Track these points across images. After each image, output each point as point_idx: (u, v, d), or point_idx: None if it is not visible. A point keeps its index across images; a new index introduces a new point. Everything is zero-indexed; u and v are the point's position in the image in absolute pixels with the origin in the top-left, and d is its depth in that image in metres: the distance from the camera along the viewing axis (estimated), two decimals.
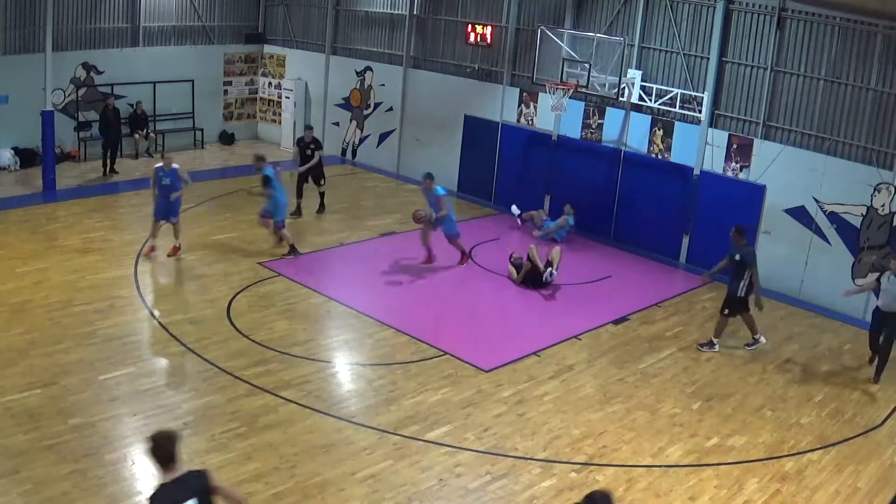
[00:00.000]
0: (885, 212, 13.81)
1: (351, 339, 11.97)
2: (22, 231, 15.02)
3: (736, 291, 12.11)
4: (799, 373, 11.96)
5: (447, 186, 20.23)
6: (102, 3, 20.76)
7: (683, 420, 10.26)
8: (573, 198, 17.86)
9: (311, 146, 17.28)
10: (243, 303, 12.68)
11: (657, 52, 16.54)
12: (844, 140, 14.31)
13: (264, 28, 24.42)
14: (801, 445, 9.88)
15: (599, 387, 10.98)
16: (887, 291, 11.50)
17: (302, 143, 17.49)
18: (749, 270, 11.98)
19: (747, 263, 11.98)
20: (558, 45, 16.54)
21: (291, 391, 10.12)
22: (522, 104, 18.77)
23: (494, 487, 8.54)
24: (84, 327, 11.28)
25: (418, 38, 20.94)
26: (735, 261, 12.10)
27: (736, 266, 12.13)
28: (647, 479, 8.93)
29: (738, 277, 12.06)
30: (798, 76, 14.75)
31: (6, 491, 7.71)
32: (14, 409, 9.13)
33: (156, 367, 10.48)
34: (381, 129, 22.03)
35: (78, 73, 20.41)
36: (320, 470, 8.56)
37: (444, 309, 13.51)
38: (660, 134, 16.57)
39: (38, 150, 18.96)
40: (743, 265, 12.01)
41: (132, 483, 8.07)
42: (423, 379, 10.77)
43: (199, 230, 15.90)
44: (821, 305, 14.50)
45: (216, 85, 23.64)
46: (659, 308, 13.99)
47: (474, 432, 9.56)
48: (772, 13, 14.83)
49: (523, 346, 12.01)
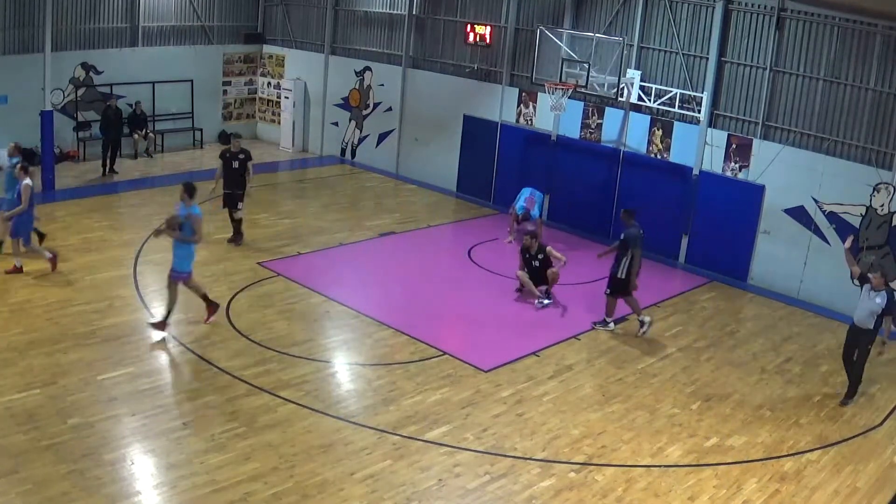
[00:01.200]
0: (885, 212, 13.81)
1: (350, 339, 11.96)
2: None
3: (616, 272, 12.44)
4: (798, 373, 11.96)
5: (447, 186, 20.36)
6: (102, 3, 20.74)
7: (682, 420, 10.26)
8: (573, 198, 17.90)
9: (238, 157, 14.92)
10: (242, 303, 12.68)
11: (656, 52, 16.55)
12: (843, 140, 14.32)
13: (263, 28, 24.42)
14: (801, 445, 9.88)
15: (598, 387, 10.98)
16: (863, 306, 10.80)
17: (227, 155, 15.00)
18: (631, 251, 12.23)
19: (629, 244, 12.24)
20: (557, 45, 16.55)
21: (290, 391, 10.11)
22: (521, 104, 18.77)
23: (493, 487, 8.54)
24: (83, 327, 11.27)
25: (417, 38, 20.94)
26: (620, 241, 12.48)
27: (620, 246, 12.47)
28: (646, 478, 8.93)
29: (621, 258, 12.39)
30: (797, 76, 14.75)
31: (5, 491, 7.70)
32: (13, 408, 9.12)
33: (155, 367, 10.47)
34: (380, 129, 22.03)
35: (77, 73, 20.40)
36: (319, 470, 8.55)
37: (443, 309, 13.50)
38: (659, 134, 16.58)
39: (37, 149, 18.94)
40: (625, 245, 12.30)
41: (131, 483, 8.06)
42: (423, 379, 10.76)
43: None
44: (820, 305, 14.50)
45: (215, 85, 23.63)
46: (658, 308, 13.98)
47: (473, 432, 9.55)
48: (771, 13, 14.83)
49: (522, 346, 12.02)
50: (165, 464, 8.44)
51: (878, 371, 12.22)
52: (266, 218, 17.06)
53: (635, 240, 12.31)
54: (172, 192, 18.45)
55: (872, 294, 10.73)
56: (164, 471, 8.33)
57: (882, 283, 10.72)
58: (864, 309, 10.77)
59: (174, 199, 17.72)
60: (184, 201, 11.20)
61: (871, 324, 10.76)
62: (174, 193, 18.28)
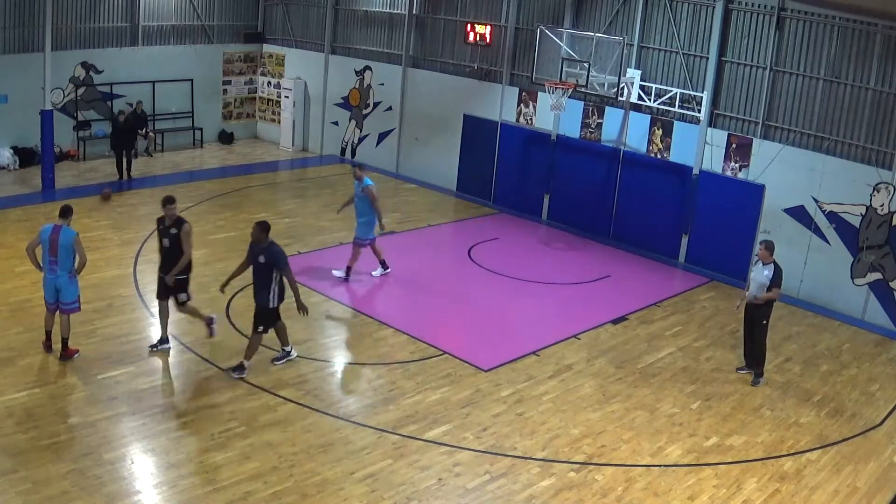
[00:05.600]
0: (884, 211, 13.80)
1: (350, 339, 11.97)
2: (21, 230, 14.99)
3: (267, 302, 10.11)
4: (798, 372, 11.96)
5: (447, 186, 20.36)
6: (102, 3, 20.75)
7: (682, 419, 10.26)
8: (573, 197, 17.90)
9: (170, 232, 10.51)
10: (242, 302, 12.67)
11: (656, 52, 16.54)
12: (843, 140, 14.31)
13: (263, 27, 24.42)
14: (800, 445, 9.88)
15: (598, 386, 10.98)
16: (754, 281, 11.14)
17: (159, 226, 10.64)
18: (279, 273, 10.08)
19: (276, 265, 10.01)
20: (557, 44, 16.54)
21: (290, 390, 10.12)
22: (522, 103, 18.77)
23: (493, 487, 8.54)
24: (83, 326, 11.25)
25: (417, 38, 20.94)
26: (260, 263, 10.07)
27: (262, 270, 10.08)
28: (646, 478, 8.93)
29: (267, 284, 10.06)
30: (797, 76, 14.75)
31: (4, 490, 7.70)
32: (13, 408, 9.13)
33: (154, 367, 10.46)
34: (380, 128, 22.02)
35: (77, 72, 20.41)
36: (319, 469, 8.56)
37: (443, 308, 13.50)
38: (659, 133, 16.57)
39: (37, 149, 18.96)
40: (270, 267, 10.01)
41: (131, 482, 8.06)
42: (422, 378, 10.77)
43: (198, 229, 15.80)
44: (820, 305, 14.51)
45: (215, 84, 23.64)
46: (658, 308, 13.98)
47: (473, 432, 9.55)
48: (771, 13, 14.82)
49: (522, 345, 12.02)
50: (165, 463, 8.44)
51: (878, 370, 12.25)
52: (266, 217, 17.01)
53: (279, 257, 10.09)
54: (173, 192, 18.45)
55: (761, 267, 11.10)
56: (163, 470, 8.33)
57: (768, 255, 11.05)
58: (755, 283, 11.13)
59: None
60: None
61: None
62: (174, 193, 18.35)
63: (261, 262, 10.09)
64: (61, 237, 10.00)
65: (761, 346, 11.39)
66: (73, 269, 10.15)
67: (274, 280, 10.12)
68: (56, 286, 10.12)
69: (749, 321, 11.42)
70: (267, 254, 10.08)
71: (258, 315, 10.29)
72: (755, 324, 11.29)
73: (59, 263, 10.06)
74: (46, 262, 10.10)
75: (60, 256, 10.03)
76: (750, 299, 11.22)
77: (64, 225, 10.13)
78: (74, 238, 10.07)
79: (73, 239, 10.05)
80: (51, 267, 10.08)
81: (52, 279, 10.11)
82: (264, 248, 10.10)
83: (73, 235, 10.08)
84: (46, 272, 10.13)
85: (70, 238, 10.03)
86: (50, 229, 10.06)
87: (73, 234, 10.08)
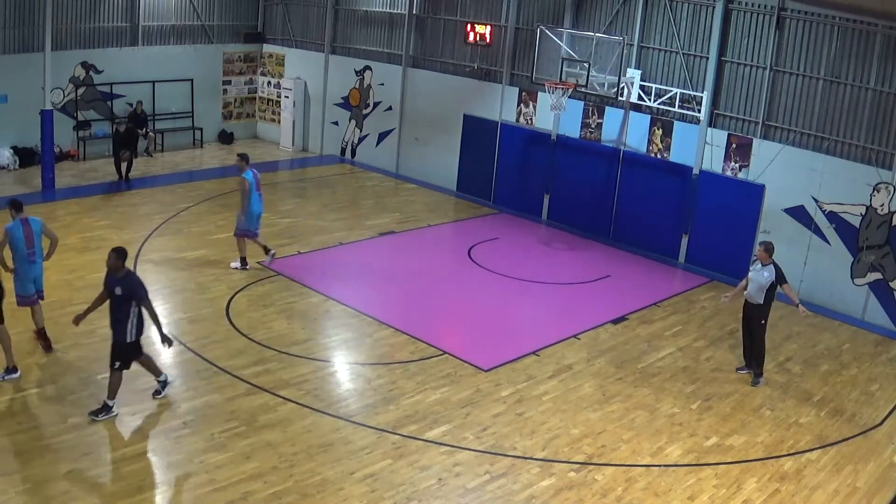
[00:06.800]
0: (884, 211, 13.80)
1: (350, 339, 11.96)
2: None
3: (124, 338, 9.07)
4: (798, 372, 11.96)
5: (447, 186, 20.36)
6: (102, 3, 20.74)
7: (682, 419, 10.26)
8: (573, 197, 17.89)
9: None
10: (242, 302, 12.68)
11: (656, 52, 16.54)
12: (843, 140, 14.32)
13: (263, 27, 24.41)
14: (800, 445, 9.88)
15: (598, 386, 10.98)
16: (753, 281, 11.17)
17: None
18: (138, 304, 9.12)
19: (134, 296, 9.08)
20: (557, 44, 16.54)
21: (290, 390, 10.12)
22: (521, 103, 18.77)
23: (493, 487, 8.54)
24: (82, 326, 11.19)
25: (417, 38, 20.93)
26: (117, 295, 9.05)
27: (119, 302, 9.07)
28: (646, 478, 8.93)
29: (125, 317, 9.06)
30: (797, 76, 14.75)
31: (4, 490, 7.70)
32: (13, 407, 9.14)
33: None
34: (380, 128, 22.02)
35: (77, 72, 20.40)
36: (319, 469, 8.56)
37: (443, 308, 13.50)
38: (659, 133, 16.57)
39: (37, 148, 18.95)
40: (128, 300, 9.05)
41: (131, 482, 8.05)
42: (422, 378, 10.77)
43: (198, 229, 15.91)
44: (820, 305, 14.49)
45: (215, 84, 23.63)
46: (658, 307, 13.98)
47: (473, 432, 9.55)
48: (771, 13, 14.82)
49: (522, 345, 12.01)
50: (165, 463, 8.45)
51: (878, 370, 12.25)
52: (266, 217, 16.94)
53: (136, 284, 9.19)
54: (173, 191, 18.60)
55: (760, 268, 11.13)
56: (163, 470, 8.34)
57: (766, 257, 11.09)
58: (754, 284, 11.16)
59: (174, 198, 17.97)
60: None
61: (762, 298, 11.14)
62: (174, 192, 18.40)
63: (117, 294, 9.03)
64: (32, 227, 10.41)
65: (761, 346, 11.42)
66: (45, 255, 10.63)
67: (132, 313, 9.07)
68: (34, 275, 10.48)
69: (748, 321, 11.45)
70: (124, 284, 9.05)
71: (115, 352, 9.14)
72: (754, 323, 11.32)
73: (37, 252, 10.48)
74: (25, 256, 10.32)
75: (37, 245, 10.46)
76: (751, 300, 11.23)
77: (27, 217, 10.48)
78: (42, 223, 10.60)
79: (42, 224, 10.58)
80: (31, 259, 10.40)
81: (32, 270, 10.44)
82: (121, 279, 9.08)
83: (40, 221, 10.61)
84: (26, 266, 10.35)
85: (39, 224, 10.53)
86: (20, 226, 10.30)
87: (39, 221, 10.59)
